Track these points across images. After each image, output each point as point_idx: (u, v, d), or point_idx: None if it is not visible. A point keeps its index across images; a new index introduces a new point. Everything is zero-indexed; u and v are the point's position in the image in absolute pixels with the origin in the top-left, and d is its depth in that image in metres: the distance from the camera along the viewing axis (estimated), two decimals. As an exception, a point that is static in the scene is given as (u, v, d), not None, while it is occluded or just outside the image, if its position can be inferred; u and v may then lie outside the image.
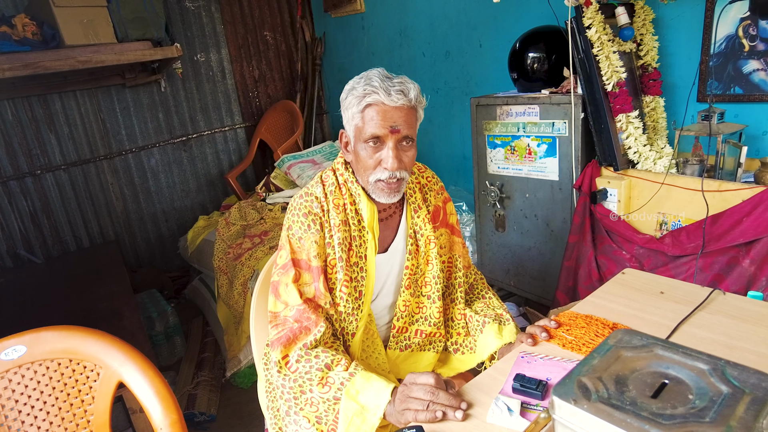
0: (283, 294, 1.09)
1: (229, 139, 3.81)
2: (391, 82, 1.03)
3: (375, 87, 1.02)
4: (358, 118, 1.06)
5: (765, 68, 1.82)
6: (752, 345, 0.97)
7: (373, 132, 1.04)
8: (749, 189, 1.63)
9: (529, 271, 2.42)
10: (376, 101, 1.03)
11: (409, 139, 1.07)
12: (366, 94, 1.03)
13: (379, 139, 1.05)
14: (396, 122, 1.03)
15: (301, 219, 1.11)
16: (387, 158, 1.05)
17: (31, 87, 2.85)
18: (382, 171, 1.06)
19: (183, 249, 3.24)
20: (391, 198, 1.10)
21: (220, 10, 3.59)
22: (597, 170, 2.01)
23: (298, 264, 1.09)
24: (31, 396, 1.01)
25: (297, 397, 1.02)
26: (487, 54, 2.80)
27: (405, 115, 1.04)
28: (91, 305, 2.15)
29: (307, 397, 1.00)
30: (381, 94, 1.02)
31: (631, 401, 0.58)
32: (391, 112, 1.03)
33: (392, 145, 1.05)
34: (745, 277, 1.65)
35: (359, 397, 0.94)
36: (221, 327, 2.53)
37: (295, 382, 1.01)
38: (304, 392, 1.00)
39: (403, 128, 1.05)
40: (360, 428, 0.93)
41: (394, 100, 1.02)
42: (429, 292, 1.21)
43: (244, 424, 2.16)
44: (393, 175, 1.06)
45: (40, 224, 3.02)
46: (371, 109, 1.03)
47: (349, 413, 0.94)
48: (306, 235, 1.10)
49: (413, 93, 1.05)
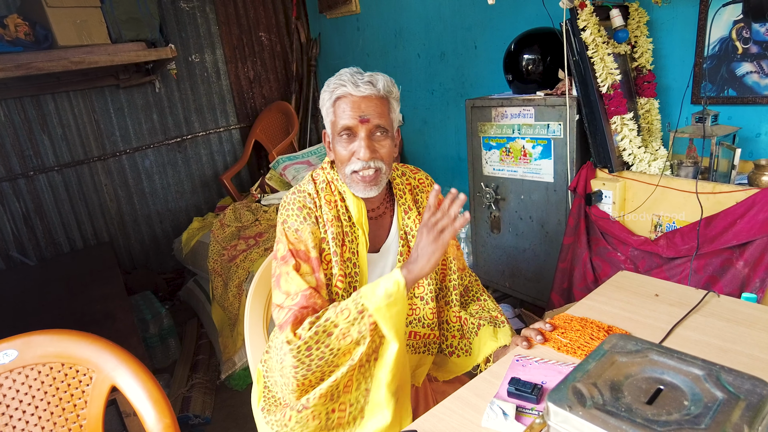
0: (285, 284, 1.06)
1: (224, 140, 3.80)
2: (361, 76, 1.07)
3: (344, 80, 1.06)
4: (330, 113, 1.10)
5: (758, 71, 1.83)
6: (746, 348, 0.97)
7: (344, 123, 1.07)
8: (743, 191, 1.64)
9: (524, 273, 2.42)
10: (344, 93, 1.06)
11: (382, 128, 1.09)
12: (335, 87, 1.07)
13: (351, 131, 1.07)
14: (364, 112, 1.06)
15: (296, 212, 1.11)
16: (359, 148, 1.07)
17: (23, 88, 2.82)
18: (355, 162, 1.08)
19: (177, 250, 3.22)
20: (369, 191, 1.10)
21: (215, 11, 3.58)
22: (592, 172, 2.02)
23: (297, 254, 1.08)
24: (22, 401, 1.00)
25: (328, 343, 0.98)
26: (482, 55, 2.80)
27: (374, 105, 1.06)
28: (84, 307, 2.14)
29: (337, 333, 0.97)
30: (349, 86, 1.05)
31: (626, 407, 0.57)
32: (359, 102, 1.06)
33: (364, 135, 1.07)
34: (738, 279, 1.66)
35: (377, 291, 0.96)
36: (216, 329, 2.52)
37: (316, 334, 0.97)
38: (331, 333, 0.97)
39: (373, 118, 1.06)
40: (395, 310, 0.95)
41: (361, 90, 1.05)
42: (422, 294, 1.21)
43: (239, 426, 2.15)
44: (367, 165, 1.07)
45: (33, 226, 3.00)
46: (341, 101, 1.07)
47: (382, 307, 0.95)
48: (303, 227, 1.10)
49: (381, 83, 1.07)
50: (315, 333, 0.97)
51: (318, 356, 0.98)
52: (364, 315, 0.95)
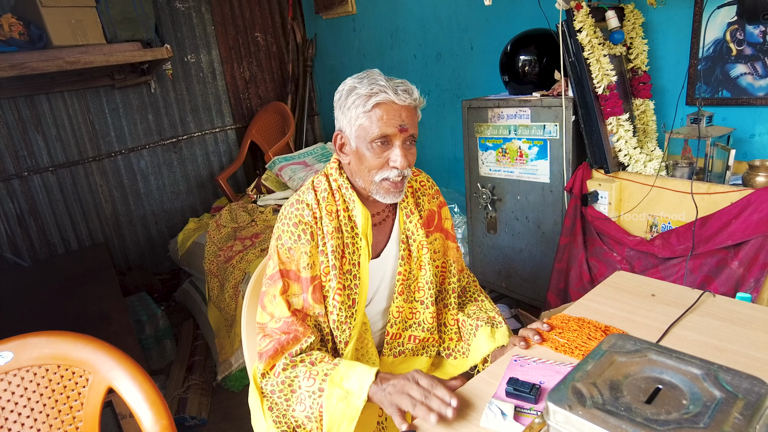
0: (269, 306, 1.08)
1: (220, 140, 3.79)
2: (395, 82, 1.05)
3: (383, 86, 1.02)
4: (363, 118, 1.04)
5: (752, 72, 1.84)
6: (742, 347, 0.97)
7: (383, 131, 1.03)
8: (737, 191, 1.65)
9: (520, 273, 2.43)
10: (385, 100, 1.03)
11: (413, 138, 1.09)
12: (373, 93, 1.02)
13: (387, 139, 1.05)
14: (404, 121, 1.05)
15: (291, 229, 1.09)
16: (396, 157, 1.05)
17: (17, 88, 2.81)
18: (390, 170, 1.07)
19: (173, 251, 3.21)
20: (396, 197, 1.11)
21: (211, 11, 3.57)
22: (588, 172, 2.02)
23: (286, 275, 1.08)
24: (18, 403, 0.99)
25: (288, 398, 1.01)
26: (478, 56, 2.81)
27: (411, 115, 1.06)
28: (79, 309, 2.12)
29: (296, 395, 1.00)
30: (390, 93, 1.02)
31: (626, 407, 0.58)
32: (399, 110, 1.04)
33: (400, 143, 1.06)
34: (733, 279, 1.67)
35: (344, 383, 0.95)
36: (212, 330, 2.51)
37: (283, 384, 1.01)
38: (294, 390, 1.00)
39: (410, 127, 1.06)
40: (345, 413, 0.93)
41: (402, 99, 1.03)
42: (422, 298, 1.21)
43: (235, 427, 2.14)
44: (401, 173, 1.07)
45: (27, 227, 2.98)
46: (380, 108, 1.03)
47: (333, 399, 0.94)
48: (296, 246, 1.08)
49: (416, 93, 1.07)
50: (282, 382, 1.01)
51: (280, 403, 1.03)
52: (322, 395, 0.96)
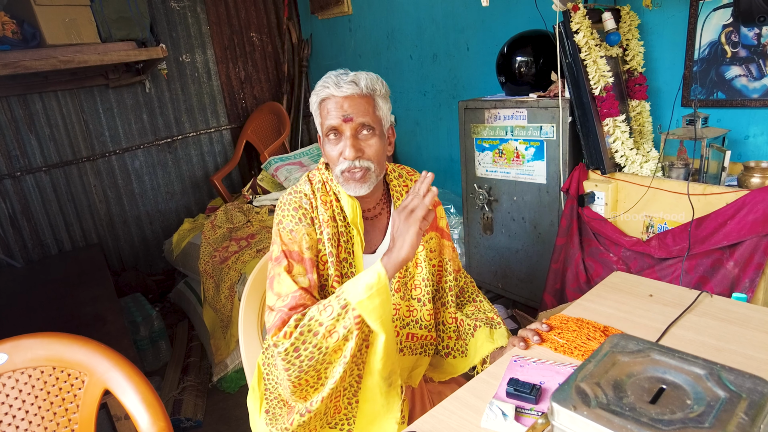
0: (277, 286, 1.07)
1: (215, 140, 3.77)
2: (345, 76, 1.08)
3: (327, 83, 1.07)
4: (317, 116, 1.12)
5: (747, 74, 1.86)
6: (740, 347, 0.98)
7: (330, 123, 1.07)
8: (733, 192, 1.66)
9: (516, 274, 2.43)
10: (328, 95, 1.08)
11: (368, 126, 1.08)
12: (319, 90, 1.09)
13: (337, 131, 1.08)
14: (347, 111, 1.06)
15: (292, 213, 1.11)
16: (345, 148, 1.07)
17: (10, 87, 2.78)
18: (342, 162, 1.08)
19: (168, 252, 3.18)
20: (359, 189, 1.10)
21: (206, 11, 3.56)
22: (584, 173, 2.03)
23: (290, 255, 1.08)
24: (12, 405, 0.98)
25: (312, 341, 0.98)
26: (474, 57, 2.81)
27: (357, 104, 1.07)
28: (73, 310, 2.10)
29: (322, 331, 0.97)
30: (332, 88, 1.07)
31: (630, 407, 0.58)
32: (341, 101, 1.07)
33: (349, 134, 1.07)
34: (729, 279, 1.68)
35: (358, 283, 0.96)
36: (207, 331, 2.50)
37: (301, 334, 0.98)
38: (317, 333, 0.97)
39: (357, 116, 1.07)
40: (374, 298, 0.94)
41: (344, 90, 1.06)
42: (419, 295, 1.21)
43: (231, 429, 2.13)
44: (352, 164, 1.07)
45: (19, 227, 2.95)
46: (325, 102, 1.08)
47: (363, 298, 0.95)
48: (297, 227, 1.09)
49: (363, 82, 1.07)
50: (300, 333, 0.97)
51: (307, 357, 0.98)
52: (348, 310, 0.96)
